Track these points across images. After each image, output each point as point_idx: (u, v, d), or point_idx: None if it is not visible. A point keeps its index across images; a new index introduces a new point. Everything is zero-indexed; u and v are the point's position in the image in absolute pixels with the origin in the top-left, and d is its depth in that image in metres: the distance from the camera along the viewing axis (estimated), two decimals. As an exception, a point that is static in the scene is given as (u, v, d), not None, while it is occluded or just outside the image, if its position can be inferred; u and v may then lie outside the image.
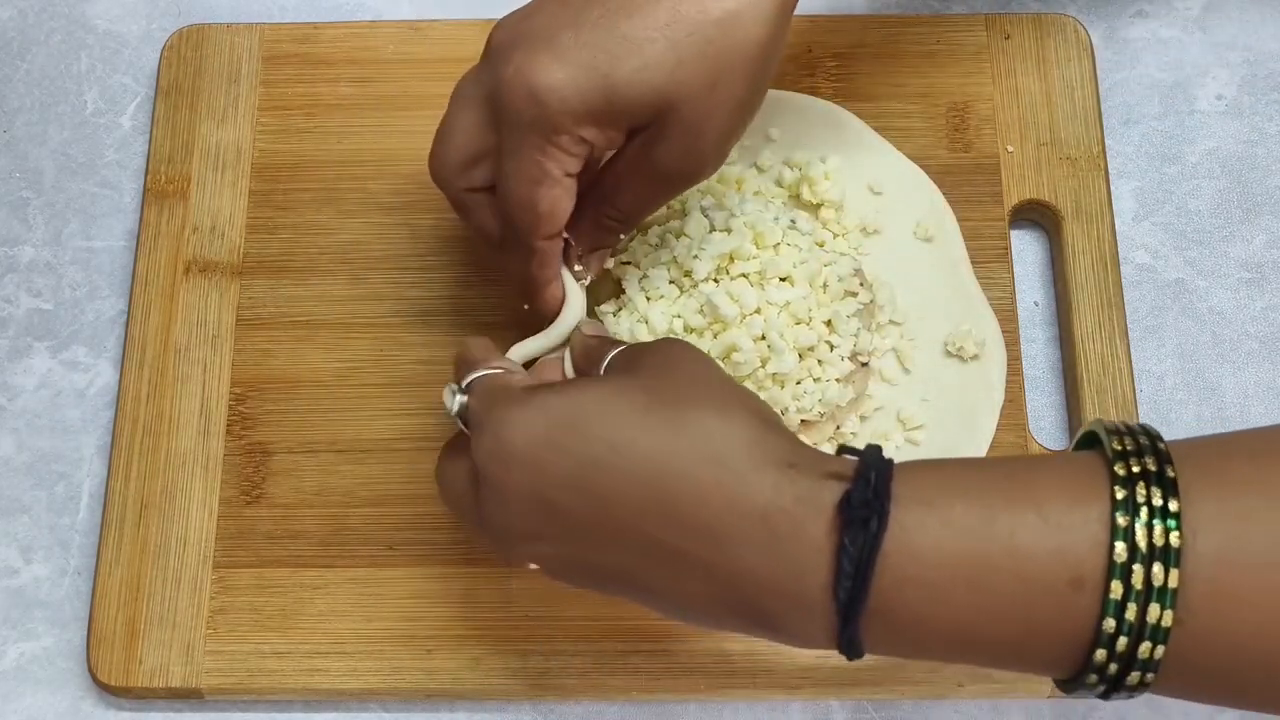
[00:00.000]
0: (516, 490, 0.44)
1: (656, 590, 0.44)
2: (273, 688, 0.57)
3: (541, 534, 0.44)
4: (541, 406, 0.44)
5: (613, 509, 0.42)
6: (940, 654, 0.42)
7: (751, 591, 0.41)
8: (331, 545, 0.59)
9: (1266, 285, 0.64)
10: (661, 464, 0.42)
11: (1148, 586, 0.38)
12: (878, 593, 0.40)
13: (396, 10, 0.70)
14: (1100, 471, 0.40)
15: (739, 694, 0.56)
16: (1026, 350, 0.62)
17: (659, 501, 0.42)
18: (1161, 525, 0.38)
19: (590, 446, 0.43)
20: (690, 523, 0.41)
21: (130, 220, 0.66)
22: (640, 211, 0.54)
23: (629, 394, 0.44)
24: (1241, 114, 0.67)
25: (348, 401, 0.61)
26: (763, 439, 0.42)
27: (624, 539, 0.43)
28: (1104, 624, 0.39)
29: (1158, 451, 0.40)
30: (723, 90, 0.49)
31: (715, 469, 0.41)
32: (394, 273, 0.63)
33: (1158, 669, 0.39)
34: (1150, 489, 0.39)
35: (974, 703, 0.57)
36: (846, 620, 0.40)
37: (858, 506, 0.40)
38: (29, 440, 0.62)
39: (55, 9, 0.71)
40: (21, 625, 0.59)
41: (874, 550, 0.39)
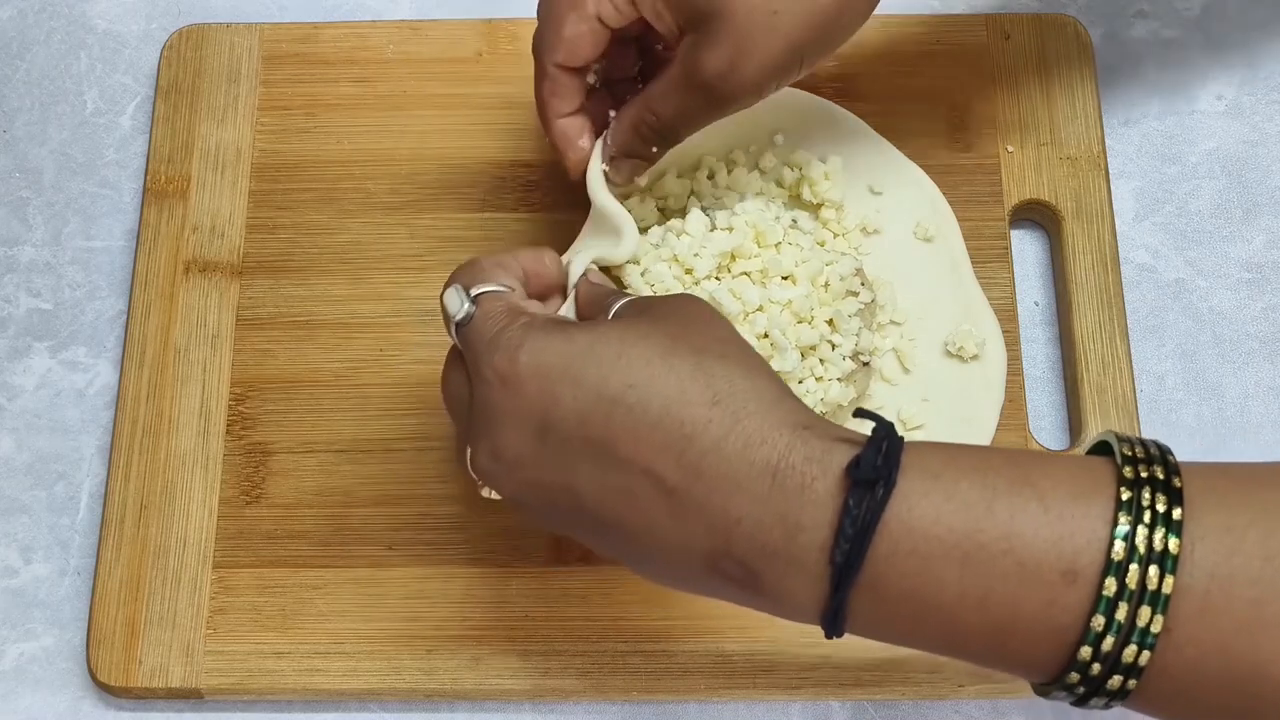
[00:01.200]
0: (520, 414, 0.43)
1: (635, 534, 0.43)
2: (272, 688, 0.57)
3: (530, 463, 0.44)
4: (563, 336, 0.44)
5: (618, 445, 0.42)
6: (923, 636, 0.41)
7: (743, 545, 0.41)
8: (331, 545, 0.59)
9: (1267, 285, 0.64)
10: (679, 406, 0.42)
11: (1141, 588, 0.38)
12: (873, 560, 0.40)
13: (396, 10, 0.70)
14: (1107, 473, 0.40)
15: (739, 694, 0.56)
16: (1026, 350, 0.62)
17: (669, 442, 0.41)
18: (1163, 531, 0.38)
19: (609, 382, 0.42)
20: (697, 466, 0.41)
21: (130, 220, 0.66)
22: (676, 123, 0.53)
23: (653, 337, 0.43)
24: (1241, 114, 0.67)
25: (348, 401, 0.61)
26: (782, 399, 0.42)
27: (620, 477, 0.42)
28: (1093, 621, 0.38)
29: (1166, 462, 0.40)
30: (783, 19, 0.49)
31: (733, 418, 0.41)
32: (394, 273, 0.63)
33: (1139, 675, 0.39)
34: (1155, 495, 0.39)
35: (974, 703, 0.57)
36: (838, 586, 0.40)
37: (866, 470, 0.40)
38: (29, 440, 0.62)
39: (55, 9, 0.71)
40: (21, 625, 0.59)
41: (877, 515, 0.39)
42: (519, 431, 0.44)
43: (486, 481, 0.46)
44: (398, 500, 0.59)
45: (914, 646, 0.42)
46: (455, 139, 0.66)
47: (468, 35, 0.67)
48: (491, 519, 0.59)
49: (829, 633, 0.42)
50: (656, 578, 0.45)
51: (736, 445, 0.41)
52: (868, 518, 0.39)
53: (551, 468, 0.43)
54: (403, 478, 0.60)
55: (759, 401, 0.42)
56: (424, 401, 0.61)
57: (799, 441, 0.41)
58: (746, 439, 0.41)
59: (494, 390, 0.44)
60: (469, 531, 0.59)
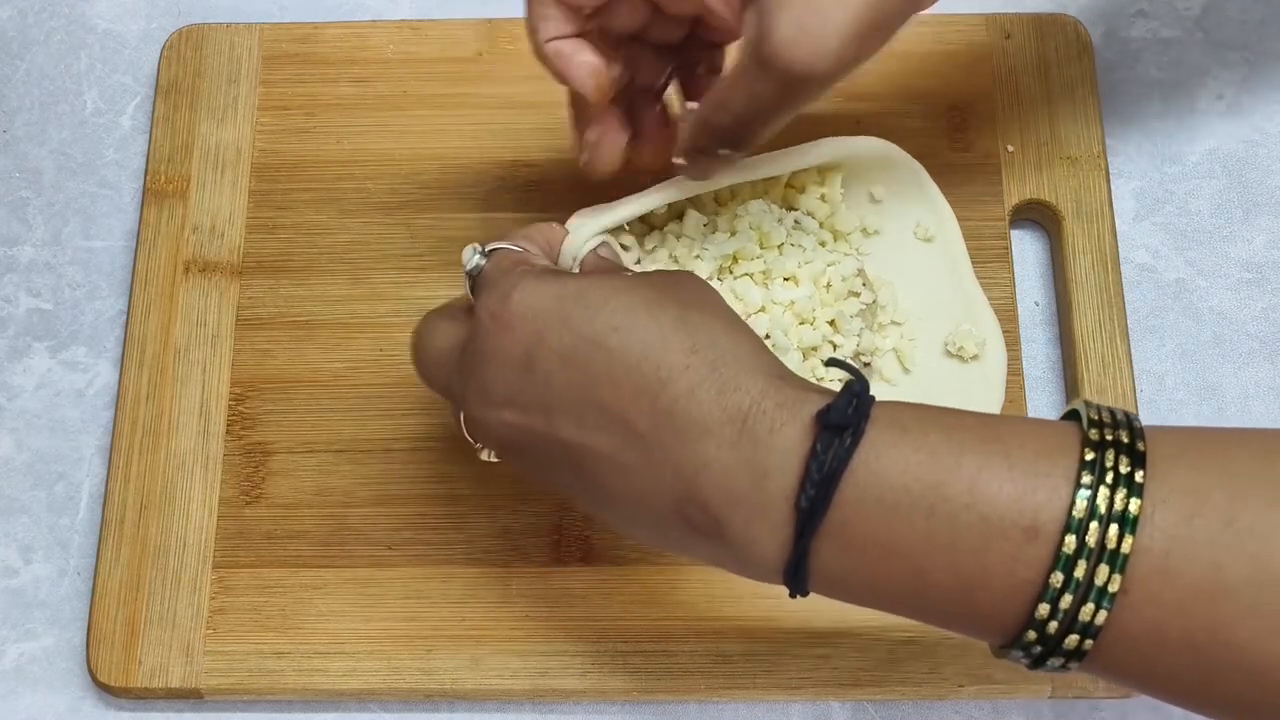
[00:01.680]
0: (507, 351, 0.44)
1: (609, 480, 0.43)
2: (272, 688, 0.57)
3: (514, 400, 0.44)
4: (556, 280, 0.45)
5: (597, 387, 0.43)
6: (887, 590, 0.41)
7: (709, 491, 0.41)
8: (331, 545, 0.59)
9: (1267, 285, 0.64)
10: (658, 352, 0.42)
11: (1101, 547, 0.38)
12: (838, 506, 0.40)
13: (396, 10, 0.70)
14: (1073, 436, 0.40)
15: (739, 694, 0.56)
16: (1026, 350, 0.62)
17: (644, 386, 0.42)
18: (1124, 492, 0.39)
19: (593, 324, 0.43)
20: (669, 410, 0.41)
21: (130, 220, 0.66)
22: (749, 118, 0.48)
23: (641, 290, 0.44)
24: (1242, 114, 0.67)
25: (347, 401, 0.61)
26: (759, 352, 0.43)
27: (596, 418, 0.43)
28: (1052, 578, 0.39)
29: (1132, 428, 0.40)
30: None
31: (709, 366, 0.42)
32: (394, 273, 0.63)
33: (1096, 636, 0.39)
34: (1119, 457, 0.39)
35: (974, 703, 0.57)
36: (802, 532, 0.40)
37: (836, 417, 0.40)
38: (28, 440, 0.62)
39: (55, 9, 0.71)
40: (21, 625, 0.59)
41: (844, 461, 0.40)
42: (506, 368, 0.44)
43: (477, 430, 0.47)
44: (397, 500, 0.59)
45: (878, 605, 0.42)
46: (455, 139, 0.66)
47: (468, 35, 0.67)
48: (491, 519, 0.59)
49: (792, 588, 0.42)
50: (628, 526, 0.45)
51: (710, 391, 0.41)
52: (835, 464, 0.40)
53: (534, 406, 0.44)
54: (402, 478, 0.60)
55: (737, 352, 0.43)
56: (424, 401, 0.61)
57: (772, 389, 0.41)
58: (721, 386, 0.41)
59: (485, 328, 0.45)
60: (469, 531, 0.59)
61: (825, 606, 0.57)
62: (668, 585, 0.58)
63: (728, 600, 0.57)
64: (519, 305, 0.44)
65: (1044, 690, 0.56)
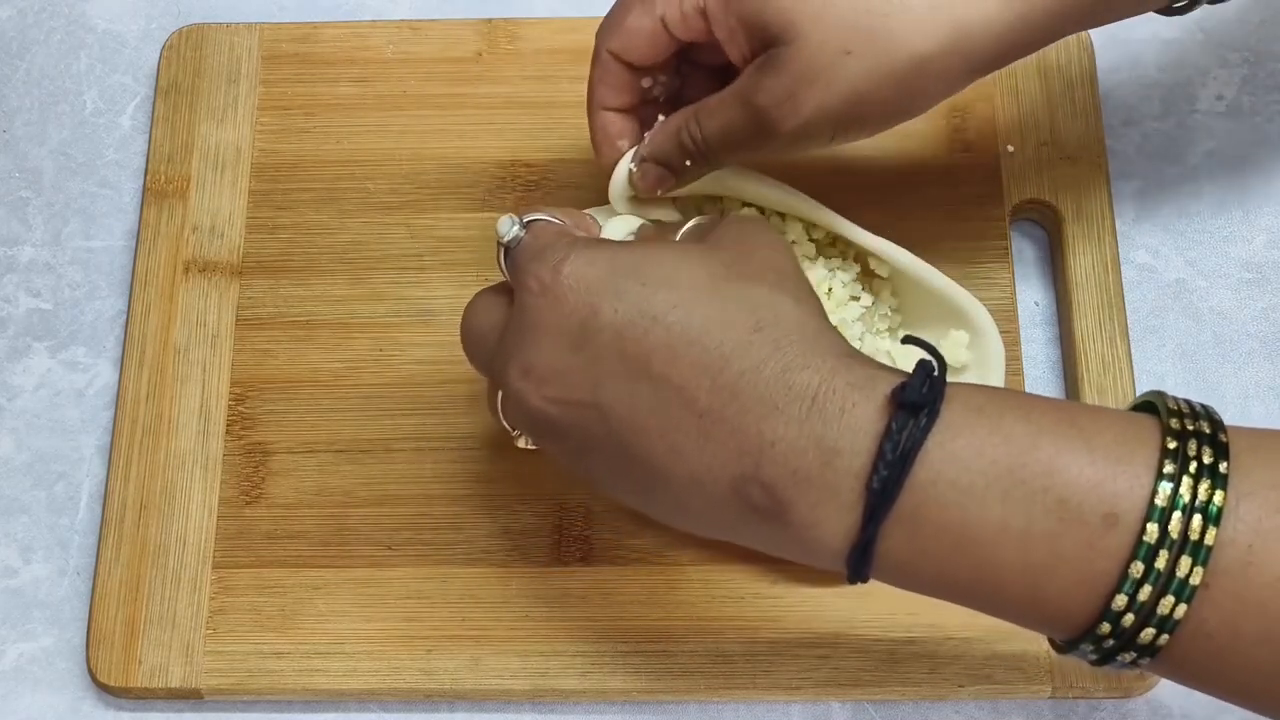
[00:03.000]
0: (556, 325, 0.43)
1: (658, 459, 0.42)
2: (272, 688, 0.57)
3: (560, 376, 0.43)
4: (610, 250, 0.44)
5: (653, 362, 0.41)
6: (955, 578, 0.40)
7: (774, 470, 0.40)
8: (331, 545, 0.59)
9: (1267, 285, 0.64)
10: (720, 328, 0.41)
11: (1183, 538, 0.37)
12: (911, 488, 0.39)
13: (396, 10, 0.70)
14: (1153, 426, 0.40)
15: (739, 694, 0.56)
16: (1027, 350, 0.62)
17: (706, 362, 0.41)
18: (1208, 482, 0.38)
19: (652, 299, 0.42)
20: (733, 386, 0.40)
21: (130, 220, 0.66)
22: (718, 141, 0.51)
23: (705, 261, 0.43)
24: (1242, 114, 0.67)
25: (347, 401, 0.61)
26: (826, 331, 0.42)
27: (651, 396, 0.41)
28: (1131, 567, 0.38)
29: (1213, 419, 0.40)
30: (853, 63, 0.47)
31: (774, 344, 0.41)
32: (393, 273, 0.63)
33: (1173, 631, 0.38)
34: (1202, 447, 0.39)
35: (974, 703, 0.57)
36: (872, 515, 0.39)
37: (912, 395, 0.39)
38: (28, 440, 0.62)
39: (55, 8, 0.71)
40: (21, 625, 0.59)
41: (920, 441, 0.39)
42: (554, 343, 0.43)
43: (515, 412, 0.45)
44: (397, 500, 0.59)
45: (941, 594, 0.41)
46: (455, 139, 0.66)
47: (468, 35, 0.67)
48: (491, 519, 0.59)
49: (854, 573, 0.41)
50: (674, 511, 0.43)
51: (776, 369, 0.40)
52: (909, 444, 0.39)
53: (582, 383, 0.43)
54: (402, 478, 0.60)
55: (802, 331, 0.41)
56: (424, 401, 0.61)
57: (842, 367, 0.40)
58: (787, 364, 0.40)
59: (533, 299, 0.43)
60: (468, 531, 0.59)
61: (826, 606, 0.57)
62: (668, 585, 0.58)
63: (728, 600, 0.57)
64: (571, 276, 0.43)
65: (1044, 690, 0.56)
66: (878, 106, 0.49)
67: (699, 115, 0.51)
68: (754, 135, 0.50)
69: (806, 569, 0.57)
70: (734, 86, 0.50)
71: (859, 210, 0.63)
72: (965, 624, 0.56)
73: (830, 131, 0.50)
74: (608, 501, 0.59)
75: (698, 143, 0.51)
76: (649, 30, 0.51)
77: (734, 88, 0.50)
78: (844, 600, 0.57)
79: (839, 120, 0.49)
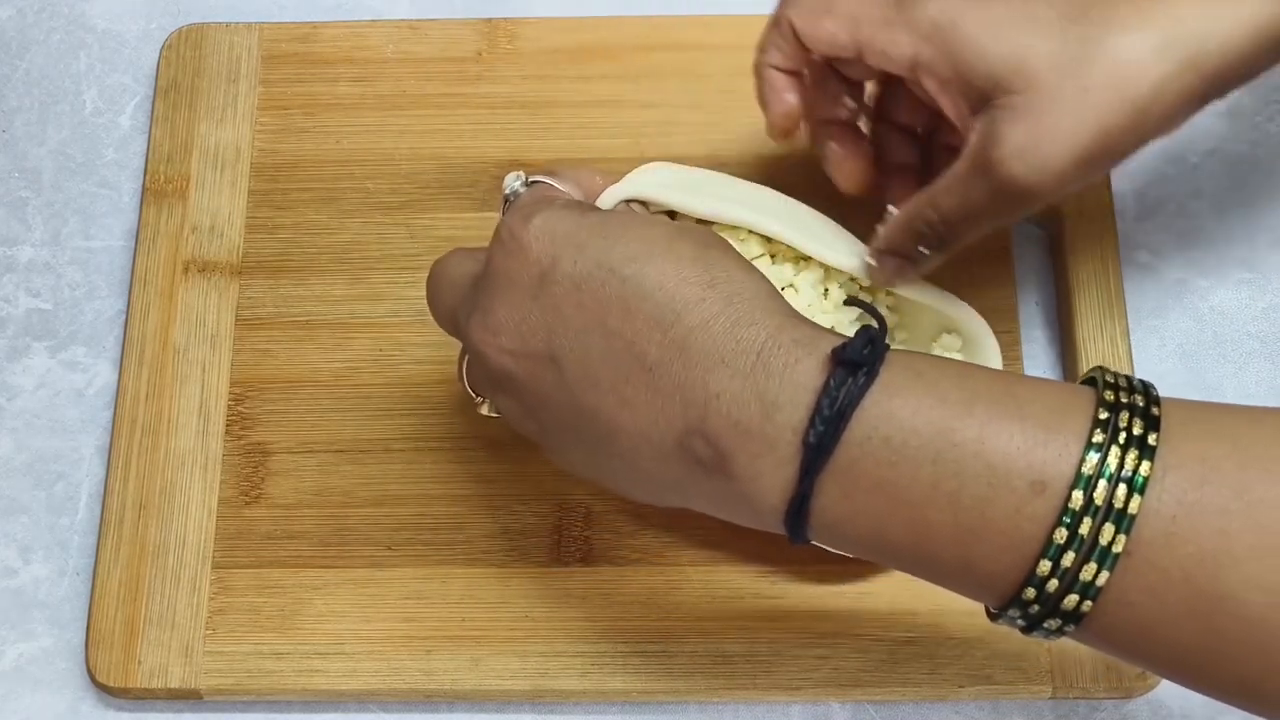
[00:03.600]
0: (518, 273, 0.44)
1: (608, 414, 0.43)
2: (272, 688, 0.57)
3: (517, 326, 0.44)
4: (579, 210, 0.45)
5: (608, 315, 0.42)
6: (888, 538, 0.41)
7: (718, 422, 0.41)
8: (331, 545, 0.59)
9: (1268, 285, 0.64)
10: (675, 283, 0.42)
11: (1108, 506, 0.38)
12: (846, 444, 0.40)
13: (395, 9, 0.70)
14: (1088, 396, 0.40)
15: (739, 694, 0.56)
16: (1027, 350, 0.62)
17: (658, 316, 0.42)
18: (1135, 453, 0.38)
19: (610, 252, 0.43)
20: (683, 340, 0.41)
21: (129, 220, 0.66)
22: (958, 217, 0.50)
23: (661, 225, 0.44)
24: (1243, 114, 0.67)
25: (347, 401, 0.61)
26: (775, 294, 0.43)
27: (603, 347, 0.42)
28: (1055, 533, 0.38)
29: (1148, 393, 0.40)
30: (1095, 97, 0.46)
31: (726, 300, 0.42)
32: (393, 273, 0.63)
33: (1095, 596, 0.39)
34: (1133, 419, 0.39)
35: (974, 703, 0.57)
36: (808, 470, 0.40)
37: (853, 354, 0.40)
38: (28, 440, 0.62)
39: (54, 8, 0.71)
40: (20, 626, 0.59)
41: (857, 398, 0.40)
42: (515, 291, 0.44)
43: (474, 366, 0.47)
44: (397, 500, 0.59)
45: (879, 555, 0.42)
46: (455, 139, 0.65)
47: (467, 35, 0.67)
48: (491, 519, 0.59)
49: (792, 531, 0.42)
50: (624, 472, 0.44)
51: (725, 324, 0.41)
52: (846, 401, 0.40)
53: (538, 331, 0.44)
54: (402, 478, 0.60)
55: (754, 290, 0.43)
56: (423, 402, 0.61)
57: (789, 325, 0.42)
58: (736, 319, 0.41)
59: (500, 247, 0.45)
60: (468, 532, 0.59)
61: (827, 606, 0.57)
62: (668, 585, 0.58)
63: (728, 600, 0.57)
64: (538, 227, 0.44)
65: (1044, 690, 0.56)
66: (1122, 142, 0.48)
67: (934, 197, 0.50)
68: (997, 199, 0.49)
69: (806, 569, 0.57)
70: (966, 153, 0.49)
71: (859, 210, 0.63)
72: (966, 624, 0.56)
73: (1079, 177, 0.48)
74: (608, 501, 0.59)
75: (935, 226, 0.50)
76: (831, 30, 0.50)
77: (967, 154, 0.49)
78: (844, 600, 0.57)
79: (1090, 162, 0.47)
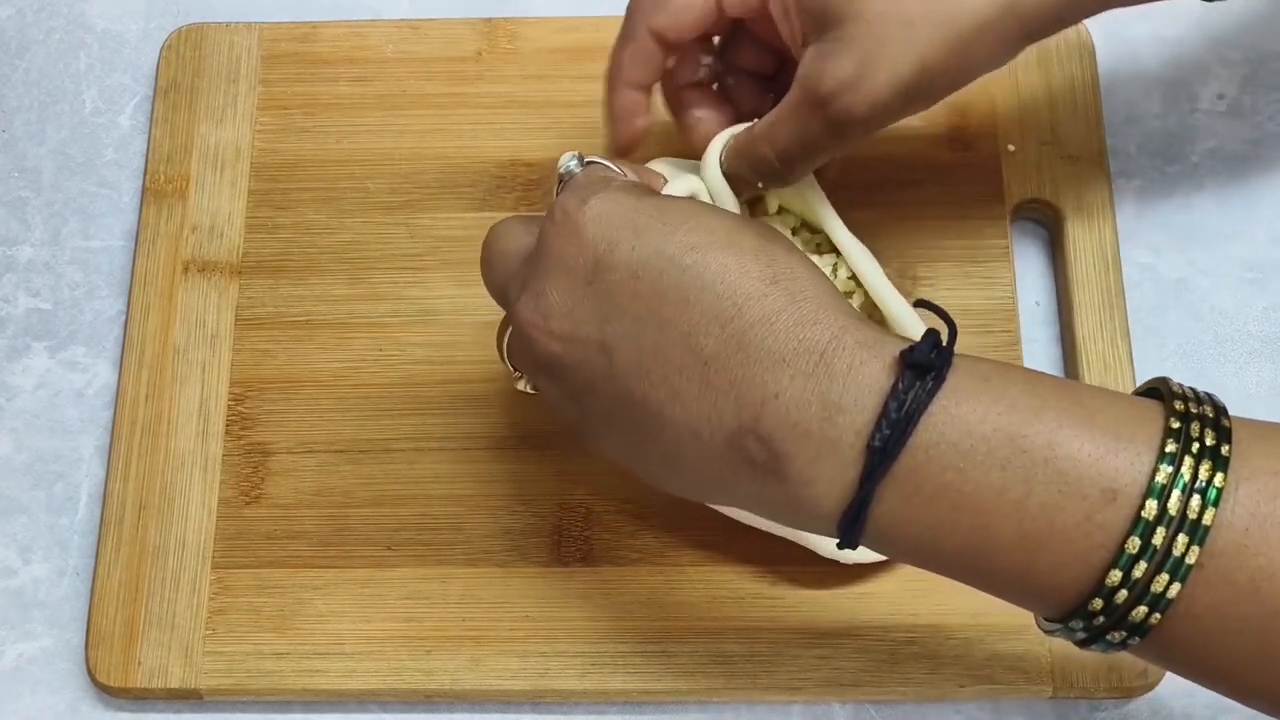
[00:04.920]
0: (572, 256, 0.43)
1: (657, 406, 0.42)
2: (272, 688, 0.57)
3: (569, 310, 0.43)
4: (638, 194, 0.44)
5: (664, 304, 0.41)
6: (948, 545, 0.40)
7: (774, 422, 0.40)
8: (331, 545, 0.59)
9: (1269, 285, 0.64)
10: (736, 276, 0.41)
11: (1181, 517, 0.38)
12: (912, 449, 0.39)
13: (395, 9, 0.70)
14: (1157, 408, 0.40)
15: (739, 695, 0.56)
16: (1027, 350, 0.62)
17: (717, 309, 0.41)
18: (1209, 464, 0.38)
19: (670, 240, 0.42)
20: (742, 336, 0.40)
21: (129, 220, 0.66)
22: (792, 150, 0.50)
23: (725, 216, 0.43)
24: (1243, 113, 0.67)
25: (347, 401, 0.61)
26: (838, 294, 0.42)
27: (656, 337, 0.41)
28: (1128, 542, 0.38)
29: (1216, 404, 0.40)
30: (919, 32, 0.47)
31: (789, 297, 0.41)
32: (393, 272, 0.63)
33: (1165, 610, 0.38)
34: (1205, 430, 0.39)
35: (974, 703, 0.57)
36: (870, 473, 0.39)
37: (920, 358, 0.39)
38: (27, 440, 0.62)
39: (54, 8, 0.71)
40: (20, 626, 0.59)
41: (925, 403, 0.39)
42: (569, 275, 0.43)
43: (520, 346, 0.45)
44: (397, 500, 0.59)
45: (930, 563, 0.41)
46: (455, 139, 0.65)
47: (467, 34, 0.67)
48: (491, 519, 0.59)
49: (845, 537, 0.41)
50: (665, 464, 0.43)
51: (788, 322, 0.40)
52: (915, 404, 0.39)
53: (590, 318, 0.43)
54: (402, 478, 0.60)
55: (817, 288, 0.42)
56: (423, 402, 0.61)
57: (853, 326, 0.41)
58: (800, 318, 0.40)
59: (555, 228, 0.43)
60: (468, 532, 0.59)
61: (827, 606, 0.57)
62: (668, 585, 0.58)
63: (728, 600, 0.57)
64: (594, 209, 0.43)
65: (1045, 690, 0.56)
66: (943, 76, 0.48)
67: (766, 131, 0.50)
68: (825, 130, 0.49)
69: (806, 569, 0.57)
70: (794, 89, 0.49)
71: (859, 210, 0.63)
72: (966, 624, 0.56)
73: (900, 108, 0.49)
74: (608, 501, 0.59)
75: (770, 158, 0.51)
76: (699, 6, 0.50)
77: (796, 86, 0.49)
78: (844, 601, 0.57)
79: (909, 94, 0.48)
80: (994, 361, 0.41)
